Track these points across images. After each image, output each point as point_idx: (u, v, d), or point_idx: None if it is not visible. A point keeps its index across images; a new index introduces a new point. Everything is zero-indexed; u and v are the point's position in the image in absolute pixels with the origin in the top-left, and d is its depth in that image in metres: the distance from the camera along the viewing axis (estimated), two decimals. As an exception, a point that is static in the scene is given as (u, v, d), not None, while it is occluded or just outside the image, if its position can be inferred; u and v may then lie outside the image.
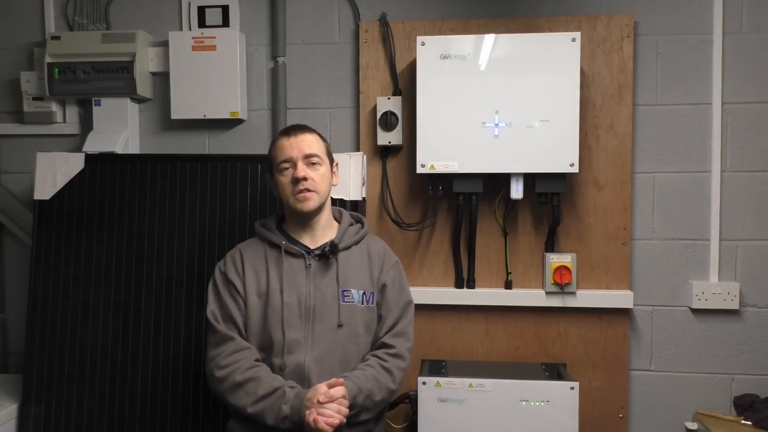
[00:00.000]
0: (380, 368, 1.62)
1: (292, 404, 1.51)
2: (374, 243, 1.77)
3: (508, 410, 1.96)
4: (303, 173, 1.62)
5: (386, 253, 1.77)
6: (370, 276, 1.70)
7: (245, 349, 1.62)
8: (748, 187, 2.17)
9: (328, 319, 1.63)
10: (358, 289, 1.67)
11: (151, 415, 2.06)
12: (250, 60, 2.35)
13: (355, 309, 1.65)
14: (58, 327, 2.11)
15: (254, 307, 1.64)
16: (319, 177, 1.65)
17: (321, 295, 1.64)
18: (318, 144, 1.69)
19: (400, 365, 1.65)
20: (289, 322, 1.61)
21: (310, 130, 1.72)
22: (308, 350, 1.60)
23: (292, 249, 1.67)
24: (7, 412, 2.06)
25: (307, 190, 1.63)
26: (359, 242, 1.74)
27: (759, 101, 2.16)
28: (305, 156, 1.64)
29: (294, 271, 1.65)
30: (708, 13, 2.16)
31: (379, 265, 1.72)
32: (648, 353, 2.22)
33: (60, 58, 2.29)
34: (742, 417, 2.09)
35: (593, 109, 2.17)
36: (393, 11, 2.26)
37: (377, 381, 1.60)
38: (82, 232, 2.14)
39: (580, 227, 2.20)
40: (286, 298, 1.62)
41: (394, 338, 1.67)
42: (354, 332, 1.64)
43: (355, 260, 1.70)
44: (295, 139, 1.66)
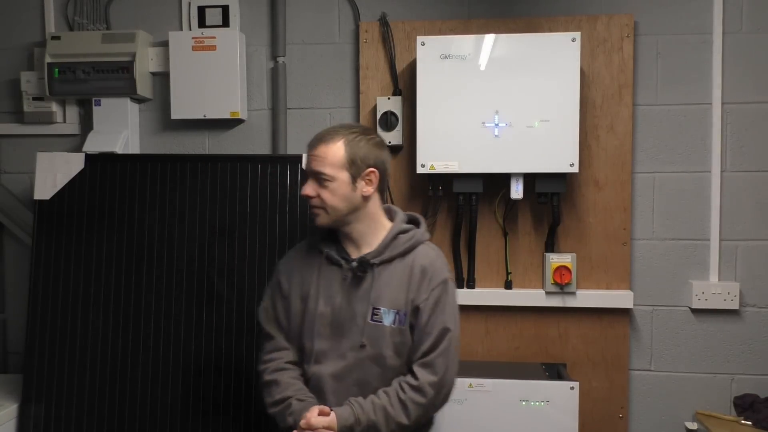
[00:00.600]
0: (396, 399, 1.50)
1: (294, 418, 1.50)
2: (423, 256, 1.58)
3: (508, 410, 1.96)
4: (306, 191, 1.56)
5: (433, 269, 1.56)
6: (406, 295, 1.55)
7: (282, 349, 1.62)
8: (748, 187, 2.17)
9: (352, 337, 1.55)
10: (390, 308, 1.54)
11: (151, 414, 2.06)
12: (250, 60, 2.35)
13: (382, 330, 1.53)
14: (58, 327, 2.11)
15: (295, 310, 1.61)
16: (328, 193, 1.53)
17: (351, 310, 1.55)
18: (332, 157, 1.53)
19: (417, 400, 1.50)
20: (320, 332, 1.57)
21: (333, 137, 1.55)
22: (330, 364, 1.56)
23: (332, 257, 1.60)
24: (7, 412, 2.06)
25: (314, 207, 1.57)
26: (405, 254, 1.58)
27: (759, 101, 2.16)
28: (314, 173, 1.55)
29: (331, 281, 1.59)
30: (708, 13, 2.16)
31: (418, 284, 1.55)
32: (648, 353, 2.22)
33: (60, 58, 2.29)
34: (742, 417, 2.09)
35: (593, 109, 2.17)
36: (393, 11, 2.26)
37: (386, 412, 1.49)
38: (82, 232, 2.14)
39: (580, 227, 2.20)
40: (321, 307, 1.57)
41: (421, 368, 1.52)
42: (378, 354, 1.53)
43: (394, 275, 1.56)
44: (309, 151, 1.57)
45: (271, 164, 2.13)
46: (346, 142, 1.54)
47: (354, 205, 1.56)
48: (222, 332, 2.06)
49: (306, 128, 2.33)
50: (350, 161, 1.54)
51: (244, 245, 2.09)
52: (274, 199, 2.10)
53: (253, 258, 2.07)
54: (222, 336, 2.06)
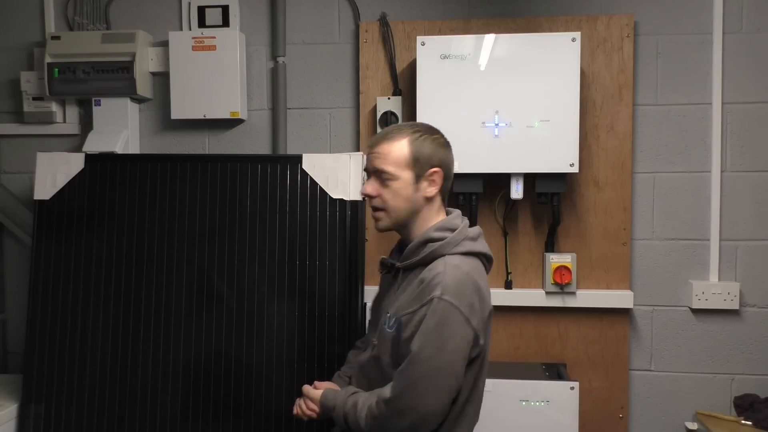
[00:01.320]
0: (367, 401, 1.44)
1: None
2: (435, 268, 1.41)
3: (508, 410, 1.96)
4: (367, 190, 1.49)
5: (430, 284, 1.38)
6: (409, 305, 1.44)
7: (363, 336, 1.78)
8: (748, 187, 2.17)
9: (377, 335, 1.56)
10: (393, 315, 1.47)
11: (151, 414, 2.06)
12: (250, 60, 2.35)
13: (386, 334, 1.49)
14: (58, 327, 2.11)
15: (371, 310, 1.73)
16: (390, 194, 1.46)
17: (385, 311, 1.55)
18: (395, 154, 1.45)
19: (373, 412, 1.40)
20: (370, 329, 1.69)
21: (396, 135, 1.48)
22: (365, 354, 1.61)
23: (385, 261, 1.62)
24: (7, 412, 2.06)
25: (374, 209, 1.51)
26: (428, 263, 1.44)
27: (759, 101, 2.16)
28: (375, 171, 1.48)
29: (384, 284, 1.64)
30: (708, 13, 2.16)
31: (414, 296, 1.42)
32: (648, 353, 2.22)
33: (60, 58, 2.29)
34: (742, 417, 2.09)
35: (593, 109, 2.17)
36: (393, 11, 2.26)
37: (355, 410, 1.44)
38: (82, 232, 2.14)
39: (580, 227, 2.20)
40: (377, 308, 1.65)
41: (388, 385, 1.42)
42: (378, 357, 1.50)
43: (410, 284, 1.48)
44: (370, 149, 1.50)
45: (271, 164, 2.13)
46: (411, 140, 1.47)
47: (416, 206, 1.48)
48: (222, 332, 2.06)
49: (306, 128, 2.34)
50: (414, 160, 1.46)
51: (244, 245, 2.09)
52: (274, 199, 2.10)
53: (253, 258, 2.07)
54: (222, 336, 2.06)
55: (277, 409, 2.01)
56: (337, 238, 2.05)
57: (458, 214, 1.54)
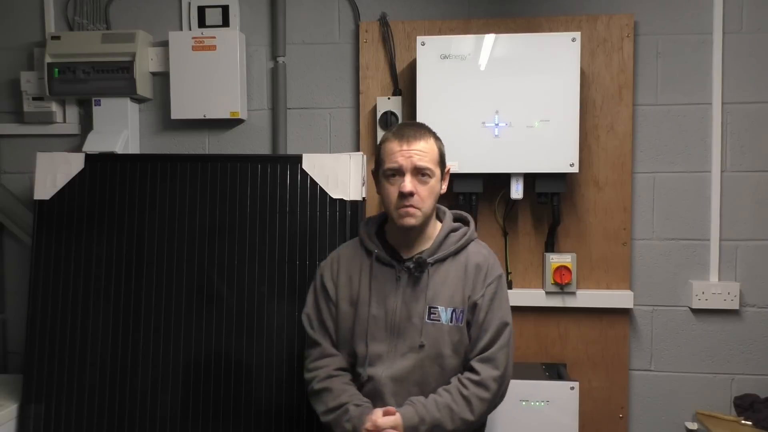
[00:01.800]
0: (458, 396, 1.49)
1: (354, 423, 1.48)
2: (476, 253, 1.59)
3: (508, 410, 1.96)
4: (410, 188, 1.49)
5: (487, 266, 1.58)
6: (462, 292, 1.55)
7: (330, 356, 1.61)
8: (748, 187, 2.17)
9: (410, 337, 1.54)
10: (447, 307, 1.53)
11: (151, 414, 2.06)
12: (250, 60, 2.35)
13: (441, 328, 1.53)
14: (58, 327, 2.11)
15: (345, 315, 1.60)
16: (427, 192, 1.51)
17: (407, 310, 1.54)
18: (432, 153, 1.53)
19: (481, 395, 1.50)
20: (374, 335, 1.56)
21: (424, 133, 1.54)
22: (387, 366, 1.54)
23: (383, 258, 1.58)
24: (7, 412, 2.06)
25: (411, 207, 1.50)
26: (458, 252, 1.58)
27: (759, 101, 2.16)
28: (416, 168, 1.50)
29: (384, 282, 1.57)
30: (708, 13, 2.16)
31: (473, 281, 1.55)
32: (648, 353, 2.22)
33: (60, 58, 2.29)
34: (742, 417, 2.09)
35: (593, 109, 2.17)
36: (393, 11, 2.26)
37: (450, 410, 1.48)
38: (82, 232, 2.14)
39: (580, 227, 2.20)
40: (374, 310, 1.56)
41: (481, 364, 1.52)
42: (438, 353, 1.53)
43: (448, 274, 1.56)
44: (407, 147, 1.50)
45: (271, 164, 2.13)
46: (435, 138, 1.57)
47: (434, 206, 1.59)
48: (222, 332, 2.06)
49: (306, 128, 2.34)
50: (441, 158, 1.56)
51: (244, 245, 2.09)
52: (274, 199, 2.10)
53: (253, 258, 2.07)
54: (222, 336, 2.06)
55: (277, 409, 2.00)
56: (337, 238, 2.04)
57: (444, 207, 1.69)
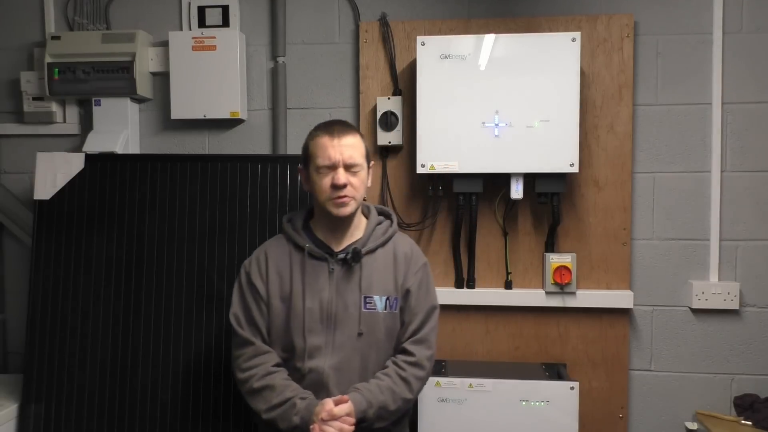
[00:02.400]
0: (397, 377, 1.57)
1: (302, 416, 1.50)
2: (401, 243, 1.69)
3: (508, 410, 1.96)
4: (344, 180, 1.55)
5: (413, 255, 1.68)
6: (394, 281, 1.63)
7: (265, 353, 1.60)
8: (748, 187, 2.17)
9: (348, 327, 1.59)
10: (381, 296, 1.61)
11: (151, 415, 2.06)
12: (250, 60, 2.35)
13: (376, 316, 1.60)
14: (58, 327, 2.11)
15: (277, 311, 1.61)
16: (358, 182, 1.58)
17: (343, 301, 1.59)
18: (360, 148, 1.60)
19: (417, 374, 1.59)
20: (311, 328, 1.58)
21: (352, 130, 1.61)
22: (328, 357, 1.58)
23: (315, 252, 1.61)
24: (7, 412, 2.06)
25: (346, 197, 1.56)
26: (386, 243, 1.66)
27: (759, 101, 2.16)
28: (346, 164, 1.56)
29: (317, 275, 1.60)
30: (708, 13, 2.16)
31: (405, 269, 1.64)
32: (648, 353, 2.22)
33: (60, 58, 2.29)
34: (742, 417, 2.09)
35: (593, 109, 2.17)
36: (393, 11, 2.26)
37: (392, 392, 1.55)
38: (82, 232, 2.14)
39: (580, 227, 2.20)
40: (308, 303, 1.58)
41: (415, 345, 1.61)
42: (375, 340, 1.60)
43: (379, 264, 1.63)
44: (338, 142, 1.56)
45: (271, 164, 2.13)
46: (360, 134, 1.64)
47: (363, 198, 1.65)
48: (222, 332, 2.06)
49: (306, 128, 2.31)
50: (367, 153, 1.64)
51: (244, 245, 2.09)
52: (274, 199, 2.10)
53: (253, 258, 2.07)
54: (222, 335, 2.06)
55: (277, 409, 2.01)
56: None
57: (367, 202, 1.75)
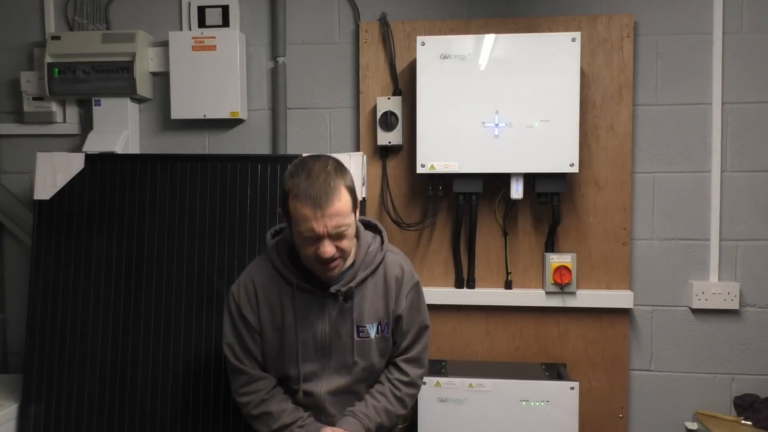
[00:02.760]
0: (393, 397, 1.62)
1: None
2: (392, 265, 1.61)
3: (508, 410, 1.96)
4: (331, 252, 1.43)
5: (404, 276, 1.61)
6: (385, 307, 1.60)
7: (260, 380, 1.60)
8: (748, 187, 2.17)
9: (342, 354, 1.59)
10: (373, 323, 1.59)
11: (151, 414, 2.06)
12: (250, 60, 2.35)
13: (369, 343, 1.60)
14: (58, 327, 2.11)
15: (270, 340, 1.59)
16: (347, 243, 1.47)
17: (336, 332, 1.58)
18: (346, 207, 1.44)
19: (411, 393, 1.65)
20: (306, 357, 1.58)
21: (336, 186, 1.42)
22: (323, 382, 1.59)
23: (305, 288, 1.56)
24: (7, 412, 2.06)
25: (335, 266, 1.48)
26: (376, 269, 1.59)
27: (759, 101, 2.16)
28: (333, 234, 1.43)
29: (309, 309, 1.57)
30: (708, 13, 2.16)
31: (396, 294, 1.60)
32: (648, 353, 2.22)
33: (60, 58, 2.29)
34: (742, 417, 2.09)
35: (593, 109, 2.17)
36: (393, 11, 2.26)
37: (388, 412, 1.61)
38: (82, 232, 2.14)
39: (580, 227, 2.20)
40: (301, 335, 1.57)
41: (408, 364, 1.64)
42: (369, 365, 1.61)
43: (370, 291, 1.59)
44: (322, 214, 1.40)
45: (271, 164, 2.13)
46: (345, 184, 1.46)
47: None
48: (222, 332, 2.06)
49: (306, 128, 2.34)
50: (354, 201, 1.48)
51: (244, 245, 2.09)
52: (274, 199, 2.10)
53: (252, 258, 2.07)
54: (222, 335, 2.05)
55: (277, 409, 2.01)
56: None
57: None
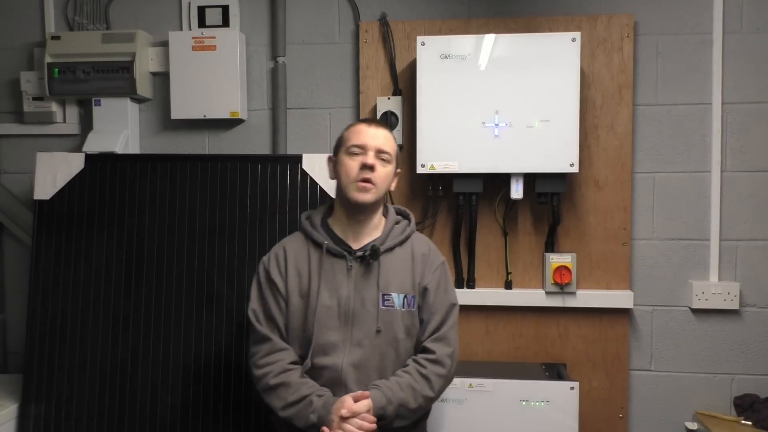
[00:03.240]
0: (418, 375, 1.57)
1: (319, 414, 1.49)
2: (419, 243, 1.70)
3: (508, 410, 1.96)
4: (373, 162, 1.58)
5: (431, 254, 1.69)
6: (412, 279, 1.63)
7: (282, 350, 1.59)
8: (748, 187, 2.17)
9: (366, 324, 1.58)
10: (399, 293, 1.61)
11: (151, 414, 2.06)
12: (250, 60, 2.35)
13: (394, 313, 1.60)
14: (58, 327, 2.11)
15: (295, 308, 1.61)
16: (383, 174, 1.60)
17: (361, 298, 1.59)
18: (392, 144, 1.64)
19: (438, 371, 1.58)
20: (328, 325, 1.58)
21: (387, 129, 1.67)
22: (346, 354, 1.57)
23: (333, 249, 1.61)
24: (7, 412, 2.06)
25: (369, 182, 1.58)
26: (404, 242, 1.67)
27: (759, 101, 2.16)
28: (378, 149, 1.59)
29: (335, 272, 1.60)
30: (708, 13, 2.16)
31: (422, 268, 1.65)
32: (648, 353, 2.22)
33: (60, 58, 2.29)
34: (742, 417, 2.09)
35: (593, 109, 2.17)
36: (393, 11, 2.26)
37: (412, 389, 1.55)
38: (82, 232, 2.14)
39: (580, 227, 2.20)
40: (326, 300, 1.58)
41: (435, 343, 1.61)
42: (393, 337, 1.60)
43: (397, 262, 1.64)
44: (375, 130, 1.62)
45: (271, 164, 2.13)
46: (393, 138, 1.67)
47: (385, 195, 1.67)
48: (222, 332, 2.06)
49: (306, 128, 2.34)
50: (396, 155, 1.66)
51: (244, 245, 2.09)
52: (274, 199, 2.10)
53: (253, 258, 2.07)
54: (222, 335, 2.06)
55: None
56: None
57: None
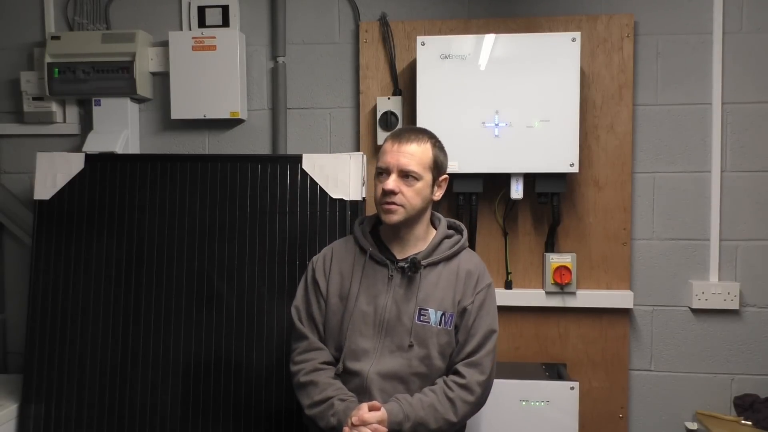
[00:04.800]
0: (443, 396, 1.53)
1: (339, 417, 1.49)
2: (467, 260, 1.65)
3: (508, 410, 1.96)
4: (391, 186, 1.54)
5: (478, 274, 1.63)
6: (453, 297, 1.60)
7: (317, 350, 1.62)
8: (748, 187, 2.17)
9: (399, 336, 1.57)
10: (437, 310, 1.58)
11: (151, 414, 2.06)
12: (250, 60, 2.35)
13: (429, 330, 1.57)
14: (58, 327, 2.11)
15: (334, 309, 1.62)
16: (411, 192, 1.56)
17: (397, 309, 1.58)
18: (422, 157, 1.57)
19: (466, 398, 1.54)
20: (362, 331, 1.58)
21: (422, 138, 1.60)
22: (374, 362, 1.57)
23: (377, 256, 1.61)
24: (7, 412, 2.06)
25: (393, 204, 1.55)
26: (450, 258, 1.63)
27: (759, 101, 2.16)
28: (401, 170, 1.55)
29: (376, 280, 1.60)
30: (708, 13, 2.16)
31: (465, 287, 1.61)
32: (648, 353, 2.22)
33: (60, 58, 2.29)
34: (742, 417, 2.09)
35: (593, 109, 2.17)
36: (393, 11, 2.26)
37: (434, 410, 1.51)
38: (82, 232, 2.14)
39: (580, 227, 2.20)
40: (363, 305, 1.59)
41: (468, 368, 1.56)
42: (425, 354, 1.57)
43: (440, 278, 1.61)
44: (398, 148, 1.56)
45: (271, 164, 2.13)
46: (433, 144, 1.61)
47: (426, 206, 1.63)
48: (222, 332, 2.06)
49: (306, 128, 2.34)
50: (434, 164, 1.60)
51: (244, 245, 2.09)
52: (274, 199, 2.10)
53: (253, 258, 2.07)
54: (222, 335, 2.06)
55: (276, 409, 2.01)
56: (337, 238, 2.04)
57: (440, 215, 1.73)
